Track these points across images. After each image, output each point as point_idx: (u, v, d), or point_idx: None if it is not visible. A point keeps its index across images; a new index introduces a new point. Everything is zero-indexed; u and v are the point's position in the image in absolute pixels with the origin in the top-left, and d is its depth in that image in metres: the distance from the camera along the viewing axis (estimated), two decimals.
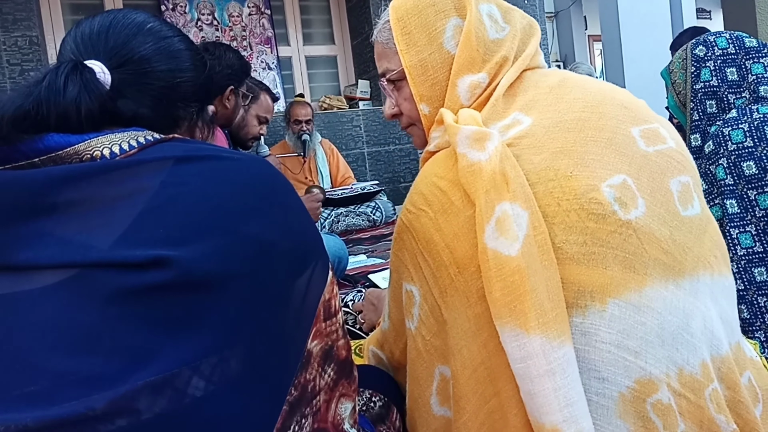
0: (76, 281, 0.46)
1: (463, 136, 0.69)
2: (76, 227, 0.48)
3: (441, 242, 0.68)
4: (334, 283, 0.60)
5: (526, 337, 0.60)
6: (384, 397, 0.82)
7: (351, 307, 1.50)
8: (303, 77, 4.49)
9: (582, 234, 0.64)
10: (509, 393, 0.64)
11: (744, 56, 1.30)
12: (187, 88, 0.67)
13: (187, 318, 0.47)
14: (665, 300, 0.64)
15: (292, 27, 4.43)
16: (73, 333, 0.45)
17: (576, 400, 0.60)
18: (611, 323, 0.62)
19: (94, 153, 0.53)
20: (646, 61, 4.25)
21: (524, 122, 0.72)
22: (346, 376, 0.61)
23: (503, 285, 0.61)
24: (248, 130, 2.38)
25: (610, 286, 0.63)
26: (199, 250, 0.48)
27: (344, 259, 2.07)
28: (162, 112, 0.65)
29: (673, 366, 0.64)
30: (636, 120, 0.73)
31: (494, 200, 0.64)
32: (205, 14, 4.13)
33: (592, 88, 0.76)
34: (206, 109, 0.73)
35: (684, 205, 0.70)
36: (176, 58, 0.66)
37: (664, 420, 0.62)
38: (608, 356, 0.62)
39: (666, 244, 0.66)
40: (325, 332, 0.58)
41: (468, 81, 0.78)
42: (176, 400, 0.45)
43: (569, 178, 0.66)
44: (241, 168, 0.56)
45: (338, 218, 3.34)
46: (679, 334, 0.64)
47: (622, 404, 0.62)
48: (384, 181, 4.22)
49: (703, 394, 0.64)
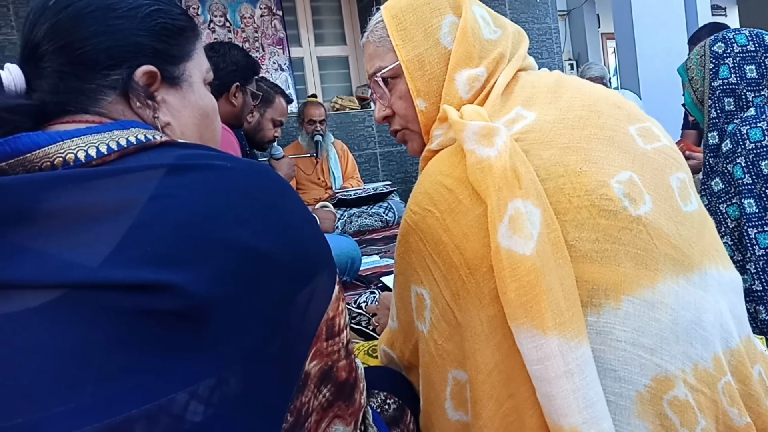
0: (61, 303, 0.42)
1: (470, 132, 0.68)
2: (60, 242, 0.44)
3: (450, 243, 0.67)
4: (340, 300, 0.56)
5: (543, 338, 0.59)
6: (398, 399, 0.80)
7: (364, 309, 1.50)
8: (315, 78, 4.50)
9: (594, 231, 0.63)
10: (525, 395, 0.63)
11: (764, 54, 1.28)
12: (94, 55, 0.58)
13: (182, 340, 0.44)
14: (677, 295, 0.64)
15: (303, 28, 4.44)
16: (61, 359, 0.41)
17: (595, 401, 0.59)
18: (626, 321, 0.62)
19: (67, 156, 0.49)
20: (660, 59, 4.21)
21: (528, 117, 0.72)
22: (345, 398, 0.57)
23: (518, 285, 0.60)
24: (264, 134, 2.40)
25: (624, 283, 0.62)
26: (194, 272, 0.44)
27: (357, 260, 2.07)
28: (70, 90, 0.58)
29: (688, 361, 0.63)
30: (631, 119, 0.73)
31: (506, 198, 0.63)
32: (217, 16, 4.15)
33: (586, 88, 0.77)
34: (135, 74, 0.61)
35: (684, 201, 0.70)
36: (74, 27, 0.58)
37: (681, 416, 0.62)
38: (624, 355, 0.61)
39: (674, 239, 0.66)
40: (326, 352, 0.54)
41: (466, 75, 0.77)
42: (174, 427, 0.42)
43: (579, 174, 0.65)
44: (236, 177, 0.51)
45: (351, 219, 3.34)
46: (692, 329, 0.64)
47: (640, 404, 0.61)
48: (396, 181, 4.21)
49: (717, 387, 0.64)
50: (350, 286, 2.03)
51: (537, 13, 4.37)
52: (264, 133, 2.40)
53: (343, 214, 3.34)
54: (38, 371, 0.41)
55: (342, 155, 3.75)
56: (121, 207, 0.46)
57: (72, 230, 0.45)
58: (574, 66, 6.43)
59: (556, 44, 4.44)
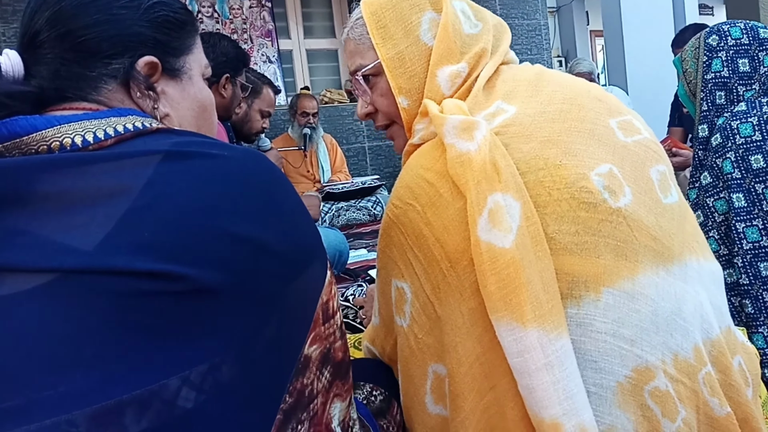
0: (54, 287, 0.42)
1: (450, 126, 0.68)
2: (54, 225, 0.44)
3: (431, 236, 0.67)
4: (332, 284, 0.57)
5: (523, 330, 0.59)
6: (385, 391, 0.80)
7: (351, 302, 1.50)
8: (304, 70, 4.47)
9: (574, 223, 0.64)
10: (505, 387, 0.63)
11: (758, 47, 1.28)
12: (97, 44, 0.58)
13: (174, 326, 0.44)
14: (657, 286, 0.64)
15: (292, 20, 4.42)
16: (52, 343, 0.41)
17: (575, 393, 0.59)
18: (606, 312, 0.62)
19: (64, 140, 0.49)
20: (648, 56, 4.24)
21: (509, 111, 0.72)
22: (341, 377, 0.58)
23: (498, 278, 0.60)
24: (252, 125, 2.37)
25: (604, 275, 0.63)
26: (189, 259, 0.44)
27: (345, 253, 2.06)
28: (71, 76, 0.58)
29: (668, 352, 0.64)
30: (611, 112, 0.74)
31: (486, 191, 0.63)
32: (205, 6, 4.11)
33: (567, 82, 0.77)
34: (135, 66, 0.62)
35: (664, 193, 0.70)
36: (76, 15, 0.58)
37: (662, 407, 0.62)
38: (604, 346, 0.62)
39: (654, 231, 0.66)
40: (324, 335, 0.55)
41: (448, 71, 0.77)
42: (165, 412, 0.42)
43: (559, 167, 0.65)
44: (232, 166, 0.51)
45: (339, 212, 3.33)
46: (672, 320, 0.64)
47: (621, 394, 0.62)
48: (384, 175, 4.21)
49: (697, 378, 0.64)
50: (338, 279, 2.02)
51: (526, 9, 4.37)
52: (251, 124, 2.37)
53: (331, 208, 3.32)
54: (29, 355, 0.41)
55: (331, 149, 3.74)
56: (117, 192, 0.46)
57: (67, 213, 0.44)
58: (563, 63, 6.46)
59: (545, 41, 4.45)
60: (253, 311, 0.48)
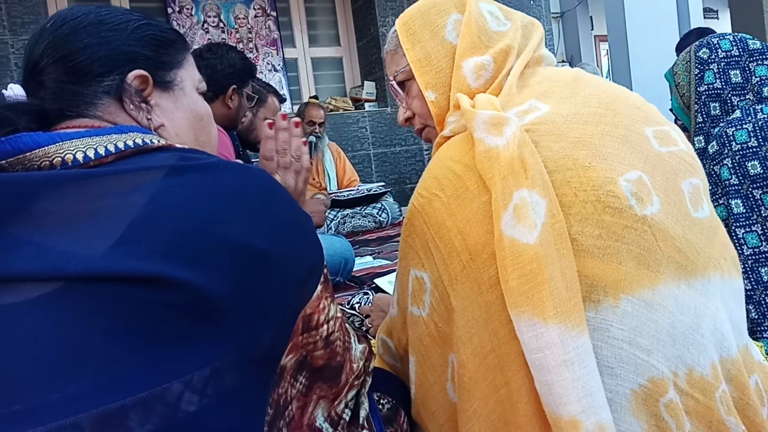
0: (60, 294, 0.44)
1: (480, 120, 0.68)
2: (58, 236, 0.45)
3: (453, 228, 0.67)
4: (321, 298, 0.57)
5: (544, 326, 0.59)
6: (392, 399, 0.81)
7: (358, 310, 1.51)
8: (309, 79, 4.50)
9: (598, 227, 0.63)
10: (519, 383, 0.64)
11: (748, 58, 1.30)
12: (89, 64, 0.62)
13: (178, 331, 0.45)
14: (677, 299, 0.63)
15: (297, 29, 4.45)
16: (58, 348, 0.42)
17: (595, 391, 0.59)
18: (624, 320, 0.62)
19: (66, 156, 0.51)
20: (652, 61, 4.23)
21: (541, 109, 0.72)
22: (325, 379, 0.59)
23: (520, 273, 0.60)
24: (257, 133, 2.38)
25: (624, 281, 0.62)
26: (193, 267, 0.46)
27: (350, 261, 2.07)
28: (68, 95, 0.61)
29: (682, 365, 0.63)
30: (649, 121, 0.73)
31: (512, 187, 0.63)
32: (211, 16, 4.15)
33: (606, 87, 0.76)
34: (126, 78, 0.65)
35: (695, 206, 0.69)
36: (69, 41, 0.62)
37: (677, 420, 0.62)
38: (621, 353, 0.61)
39: (679, 243, 0.65)
40: (301, 344, 0.56)
41: (472, 62, 0.78)
42: (169, 416, 0.43)
43: (587, 169, 0.65)
44: (233, 179, 0.53)
45: (344, 220, 3.35)
46: (690, 335, 0.63)
47: (635, 402, 0.62)
48: (390, 182, 4.22)
49: (714, 395, 0.64)
50: (343, 287, 2.03)
51: (530, 14, 4.38)
52: (257, 132, 2.39)
53: (337, 215, 3.34)
54: (36, 360, 0.42)
55: (337, 157, 3.76)
56: (120, 206, 0.47)
57: (71, 226, 0.46)
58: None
59: (549, 46, 4.45)
60: (254, 319, 0.49)
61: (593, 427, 0.58)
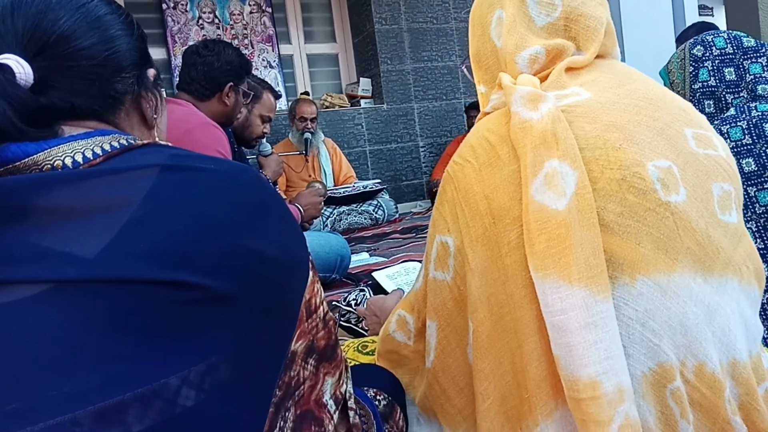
0: (56, 292, 0.44)
1: (517, 95, 0.70)
2: (54, 237, 0.45)
3: (480, 192, 0.69)
4: (315, 282, 0.59)
5: (569, 288, 0.60)
6: (388, 396, 0.82)
7: (353, 307, 1.51)
8: (304, 75, 4.50)
9: (620, 204, 0.64)
10: (531, 347, 0.65)
11: (742, 56, 1.30)
12: (120, 58, 0.60)
13: (172, 328, 0.45)
14: (691, 291, 0.64)
15: (293, 25, 4.44)
16: (55, 346, 0.43)
17: (616, 355, 0.60)
18: (638, 300, 0.62)
19: (56, 162, 0.50)
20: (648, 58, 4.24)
21: (582, 95, 0.73)
22: (327, 358, 0.61)
23: (548, 237, 0.62)
24: (252, 129, 2.39)
25: (641, 262, 0.63)
26: (189, 266, 0.46)
27: (346, 258, 2.07)
28: (99, 93, 0.58)
29: (691, 357, 0.64)
30: (691, 123, 0.73)
31: (543, 156, 0.64)
32: (206, 12, 4.14)
33: (655, 86, 0.77)
34: (147, 75, 0.65)
35: (722, 209, 0.69)
36: (98, 27, 0.58)
37: (681, 408, 0.63)
38: (633, 333, 0.62)
39: (700, 237, 0.66)
40: (308, 330, 0.57)
41: (526, 55, 0.78)
42: (166, 411, 0.44)
43: (617, 150, 0.66)
44: (224, 179, 0.53)
45: (340, 216, 3.35)
46: (701, 328, 0.64)
47: (645, 385, 0.62)
48: (386, 179, 4.22)
49: (722, 394, 0.64)
50: (339, 284, 2.03)
51: None
52: (252, 129, 2.39)
53: (333, 212, 3.34)
54: (33, 358, 0.43)
55: (333, 153, 3.76)
56: (116, 204, 0.47)
57: (66, 226, 0.46)
58: None
59: None
60: (250, 315, 0.50)
61: (613, 388, 0.59)
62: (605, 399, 0.59)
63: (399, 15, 4.35)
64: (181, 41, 4.03)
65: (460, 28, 4.52)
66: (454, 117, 4.56)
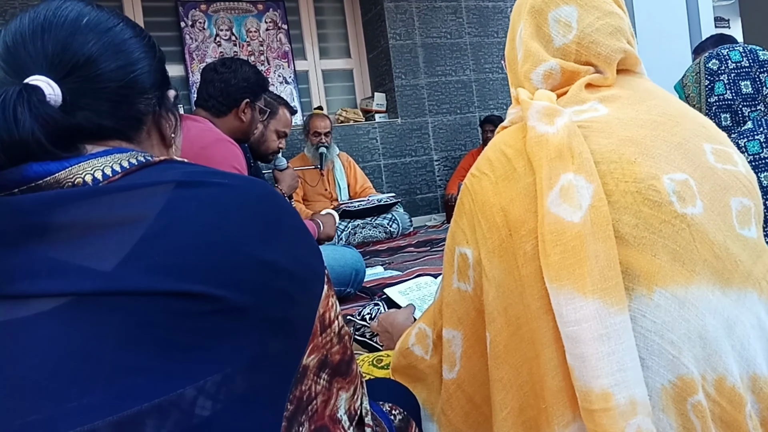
0: (74, 306, 0.45)
1: (534, 110, 0.71)
2: (71, 251, 0.46)
3: (497, 204, 0.70)
4: (329, 297, 0.59)
5: (584, 300, 0.60)
6: (403, 410, 0.82)
7: (368, 321, 1.51)
8: (320, 90, 4.53)
9: (635, 217, 0.64)
10: (548, 356, 0.65)
11: (758, 69, 1.29)
12: (144, 80, 0.61)
13: (188, 339, 0.46)
14: (710, 303, 0.63)
15: (308, 41, 4.49)
16: (74, 358, 0.43)
17: (630, 367, 0.59)
18: (656, 312, 0.62)
19: (76, 180, 0.51)
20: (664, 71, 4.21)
21: (600, 111, 0.74)
22: (341, 374, 0.61)
23: (563, 249, 0.62)
24: (268, 145, 2.41)
25: (658, 274, 0.62)
26: (204, 278, 0.47)
27: (361, 272, 2.08)
28: (124, 114, 0.59)
29: (711, 371, 0.63)
30: (710, 138, 0.73)
31: (559, 169, 0.65)
32: (223, 30, 4.20)
33: (676, 102, 0.77)
34: (167, 96, 0.67)
35: (741, 224, 0.69)
36: (124, 50, 0.60)
37: (703, 423, 0.62)
38: (652, 345, 0.62)
39: (718, 249, 0.65)
40: (321, 344, 0.57)
41: (541, 71, 0.80)
42: (184, 421, 0.44)
43: (632, 164, 0.67)
44: (239, 193, 0.54)
45: (355, 230, 3.36)
46: (721, 341, 0.63)
47: (665, 398, 0.62)
48: (400, 193, 4.23)
49: (743, 409, 0.63)
50: (354, 298, 2.04)
51: None
52: (268, 144, 2.41)
53: (348, 226, 3.35)
54: (52, 371, 0.43)
55: (348, 167, 3.77)
56: (132, 219, 0.48)
57: (84, 241, 0.47)
58: None
59: None
60: (265, 328, 0.50)
61: (625, 400, 0.59)
62: (617, 411, 0.59)
63: (413, 30, 4.38)
64: (198, 58, 4.09)
65: (474, 42, 4.54)
66: (468, 131, 4.56)
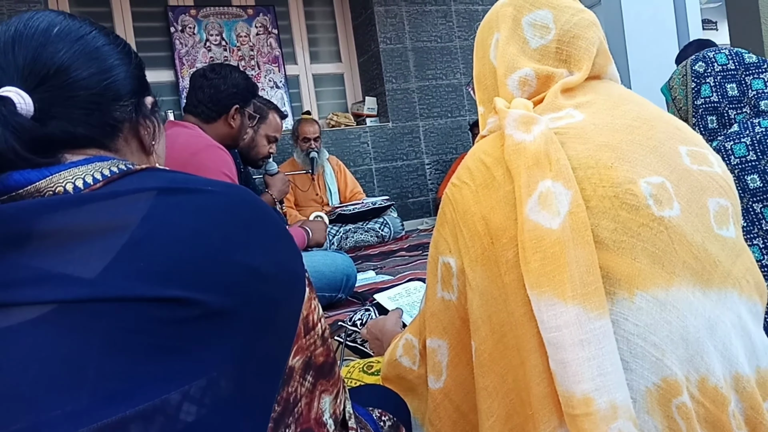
0: (57, 314, 0.45)
1: (511, 119, 0.72)
2: (54, 259, 0.46)
3: (478, 213, 0.71)
4: (312, 299, 0.59)
5: (564, 306, 0.61)
6: (393, 417, 0.82)
7: (359, 327, 1.51)
8: (310, 95, 4.53)
9: (613, 221, 0.65)
10: (533, 363, 0.65)
11: (744, 72, 1.30)
12: (119, 87, 0.61)
13: (172, 344, 0.46)
14: (691, 304, 0.64)
15: (299, 46, 4.49)
16: (57, 366, 0.43)
17: (610, 371, 0.60)
18: (638, 315, 0.62)
19: (57, 189, 0.51)
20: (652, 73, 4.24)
21: (576, 117, 0.74)
22: (324, 375, 0.61)
23: (542, 256, 0.62)
24: (258, 150, 2.41)
25: (638, 278, 0.63)
26: (185, 282, 0.47)
27: (352, 277, 2.07)
28: (97, 121, 0.59)
29: (694, 371, 0.63)
30: (685, 141, 0.74)
31: (537, 177, 0.66)
32: (213, 35, 4.19)
33: (650, 107, 0.78)
34: (144, 102, 0.66)
35: (719, 224, 0.69)
36: (97, 58, 0.60)
37: (688, 424, 0.62)
38: (635, 348, 0.62)
39: (697, 251, 0.66)
40: (305, 346, 0.58)
41: (516, 78, 0.80)
42: (168, 426, 0.44)
43: (609, 168, 0.67)
44: (221, 199, 0.54)
45: (347, 234, 3.35)
46: (703, 342, 0.64)
47: (650, 400, 0.62)
48: (392, 196, 4.23)
49: (726, 409, 0.64)
50: (345, 303, 2.03)
51: None
52: (258, 149, 2.41)
53: (339, 230, 3.34)
54: (36, 379, 0.43)
55: (338, 171, 3.77)
56: (114, 226, 0.48)
57: (67, 249, 0.47)
58: None
59: None
60: (248, 332, 0.50)
61: (606, 405, 0.59)
62: (599, 415, 0.59)
63: (403, 34, 4.39)
64: (188, 63, 4.08)
65: (464, 46, 4.55)
66: (459, 134, 4.57)
